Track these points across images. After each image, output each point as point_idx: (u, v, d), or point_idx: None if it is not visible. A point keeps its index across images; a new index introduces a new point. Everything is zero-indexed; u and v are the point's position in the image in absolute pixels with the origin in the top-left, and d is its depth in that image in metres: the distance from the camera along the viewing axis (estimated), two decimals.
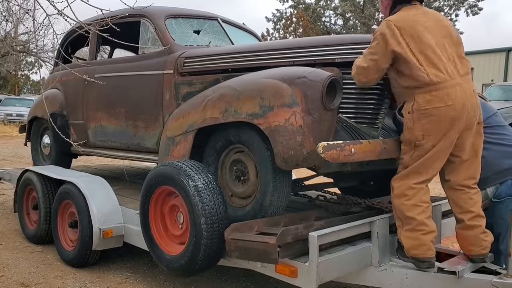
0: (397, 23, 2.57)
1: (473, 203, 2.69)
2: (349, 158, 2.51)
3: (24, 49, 19.64)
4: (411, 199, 2.59)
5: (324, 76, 2.71)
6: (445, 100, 2.49)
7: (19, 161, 9.99)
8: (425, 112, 2.51)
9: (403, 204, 2.61)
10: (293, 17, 25.83)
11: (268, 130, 2.75)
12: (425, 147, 2.55)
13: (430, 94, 2.50)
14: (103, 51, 6.21)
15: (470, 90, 2.57)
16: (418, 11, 2.66)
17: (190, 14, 4.39)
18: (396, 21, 2.59)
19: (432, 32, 2.58)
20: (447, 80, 2.50)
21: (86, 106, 4.67)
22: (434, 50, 2.53)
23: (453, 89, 2.50)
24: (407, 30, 2.55)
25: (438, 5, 25.25)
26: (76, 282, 3.68)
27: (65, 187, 4.13)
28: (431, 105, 2.50)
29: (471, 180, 2.72)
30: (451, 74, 2.53)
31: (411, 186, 2.60)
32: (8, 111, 20.85)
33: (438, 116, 2.50)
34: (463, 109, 2.52)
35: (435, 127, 2.51)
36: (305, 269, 2.48)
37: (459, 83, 2.53)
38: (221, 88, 3.18)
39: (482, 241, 2.67)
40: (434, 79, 2.49)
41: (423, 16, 2.62)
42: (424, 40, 2.54)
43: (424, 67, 2.50)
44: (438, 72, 2.50)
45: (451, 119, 2.50)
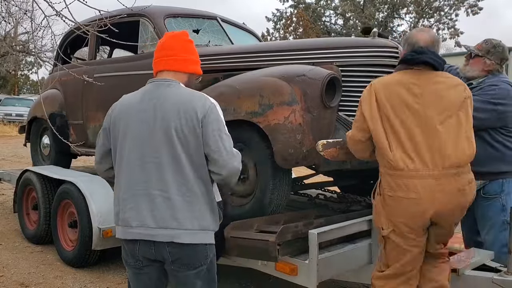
0: (377, 89, 2.22)
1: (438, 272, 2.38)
2: (349, 156, 2.50)
3: (23, 49, 19.68)
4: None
5: (324, 74, 2.71)
6: (407, 192, 2.10)
7: (18, 161, 9.99)
8: (388, 199, 2.18)
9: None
10: (293, 16, 25.83)
11: (267, 128, 2.75)
12: (393, 239, 2.21)
13: (394, 180, 2.14)
14: (103, 51, 6.20)
15: (452, 187, 2.11)
16: (413, 78, 2.20)
17: (190, 14, 4.38)
18: (377, 87, 2.23)
19: (420, 108, 2.14)
20: (418, 170, 2.09)
21: (85, 106, 4.67)
22: (410, 131, 2.12)
23: (422, 181, 2.08)
24: (383, 99, 2.18)
25: (438, 5, 25.26)
26: (76, 282, 3.67)
27: (64, 187, 4.13)
28: (394, 192, 2.14)
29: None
30: (428, 163, 2.09)
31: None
32: (8, 111, 20.85)
33: (398, 208, 2.15)
34: (431, 208, 2.11)
35: (395, 220, 2.18)
36: (305, 267, 2.48)
37: (436, 175, 2.09)
38: (221, 87, 3.17)
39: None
40: (399, 164, 2.10)
41: (415, 87, 2.17)
42: (400, 117, 2.14)
43: (391, 147, 2.13)
44: (406, 158, 2.10)
45: (412, 216, 2.13)
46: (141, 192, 1.93)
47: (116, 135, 2.03)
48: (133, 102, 2.04)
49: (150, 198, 1.92)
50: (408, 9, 26.26)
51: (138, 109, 1.99)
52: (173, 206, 1.90)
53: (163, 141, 1.91)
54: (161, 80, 2.04)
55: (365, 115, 2.20)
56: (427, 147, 2.11)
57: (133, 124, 1.98)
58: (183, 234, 1.90)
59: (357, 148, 2.35)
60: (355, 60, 2.99)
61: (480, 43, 3.04)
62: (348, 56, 2.99)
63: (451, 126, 2.15)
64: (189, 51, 2.12)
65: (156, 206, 1.91)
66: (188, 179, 1.92)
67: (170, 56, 2.06)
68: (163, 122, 1.92)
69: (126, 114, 2.02)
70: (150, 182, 1.93)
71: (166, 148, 1.91)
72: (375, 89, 2.21)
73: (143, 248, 1.97)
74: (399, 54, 3.04)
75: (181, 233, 1.90)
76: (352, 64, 2.98)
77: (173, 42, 2.09)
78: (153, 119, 1.94)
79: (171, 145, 1.90)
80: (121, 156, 2.00)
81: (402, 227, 2.16)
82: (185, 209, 1.91)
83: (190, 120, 1.91)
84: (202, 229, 1.94)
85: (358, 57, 2.99)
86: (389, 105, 2.16)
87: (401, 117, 2.14)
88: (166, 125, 1.91)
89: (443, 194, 2.10)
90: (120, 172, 2.01)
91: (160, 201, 1.91)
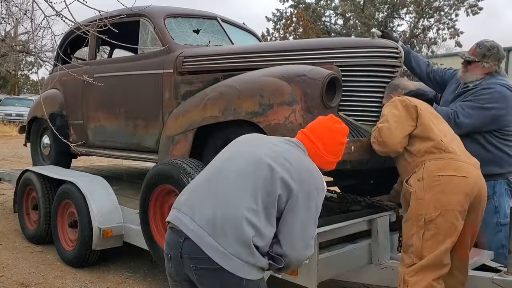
0: (411, 99, 2.64)
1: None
2: (349, 156, 2.51)
3: (23, 49, 19.67)
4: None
5: (324, 74, 2.71)
6: (460, 171, 2.30)
7: (18, 161, 9.99)
8: (437, 180, 2.28)
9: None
10: (293, 16, 25.82)
11: (268, 128, 2.75)
12: (438, 223, 2.24)
13: (443, 161, 2.33)
14: (103, 51, 6.21)
15: (482, 176, 2.42)
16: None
17: (190, 14, 4.38)
18: (413, 100, 2.63)
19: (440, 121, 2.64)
20: (460, 155, 2.38)
21: (85, 106, 4.67)
22: (445, 133, 2.50)
23: (466, 165, 2.35)
24: (422, 107, 2.56)
25: (438, 5, 25.25)
26: (76, 282, 3.67)
27: (64, 187, 4.13)
28: (445, 172, 2.29)
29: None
30: (463, 157, 2.41)
31: (431, 284, 2.27)
32: (8, 111, 20.85)
33: (451, 186, 2.26)
34: (476, 188, 2.33)
35: (448, 199, 2.25)
36: (305, 267, 2.48)
37: (473, 164, 2.40)
38: (221, 87, 3.18)
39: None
40: (449, 148, 2.37)
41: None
42: (438, 122, 2.55)
43: (441, 136, 2.44)
44: (453, 146, 2.42)
45: (465, 192, 2.28)
46: None
47: None
48: None
49: None
50: (408, 9, 26.24)
51: None
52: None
53: None
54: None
55: (420, 109, 2.50)
56: (458, 147, 2.44)
57: None
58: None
59: (393, 140, 2.50)
60: (355, 60, 2.99)
61: (473, 48, 3.02)
62: (348, 56, 2.99)
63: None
64: (338, 154, 2.04)
65: None
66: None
67: (319, 150, 1.97)
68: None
69: None
70: None
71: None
72: (411, 99, 2.61)
73: None
74: (399, 54, 3.05)
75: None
76: (352, 64, 2.98)
77: (330, 139, 2.00)
78: None
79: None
80: None
81: (453, 205, 2.25)
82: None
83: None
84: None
85: (358, 57, 2.99)
86: (428, 112, 2.55)
87: (438, 123, 2.55)
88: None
89: (481, 180, 2.36)
90: None
91: None
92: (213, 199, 1.78)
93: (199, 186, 1.88)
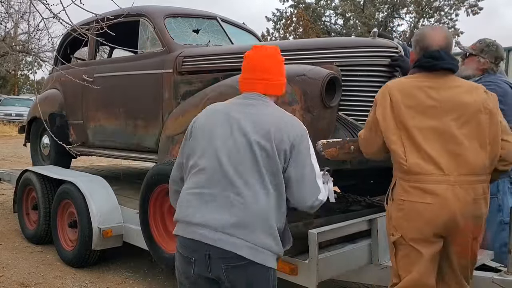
0: (391, 91, 2.14)
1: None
2: (349, 156, 2.50)
3: (23, 49, 19.65)
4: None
5: (324, 74, 2.70)
6: (424, 196, 2.03)
7: (18, 161, 9.99)
8: (401, 204, 2.09)
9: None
10: (293, 16, 25.82)
11: None
12: (404, 245, 2.11)
13: (409, 183, 2.06)
14: (103, 50, 6.21)
15: (466, 195, 2.02)
16: (429, 82, 2.12)
17: (189, 14, 4.38)
18: (392, 89, 2.14)
19: (437, 112, 2.07)
20: (432, 174, 2.02)
21: (85, 106, 4.67)
22: (426, 136, 2.05)
23: (437, 186, 2.01)
24: (399, 102, 2.10)
25: (438, 5, 25.25)
26: (75, 282, 3.67)
27: (64, 187, 4.13)
28: (408, 196, 2.06)
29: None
30: (443, 168, 2.02)
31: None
32: (8, 111, 20.85)
33: (412, 214, 2.06)
34: (445, 214, 2.02)
35: (408, 225, 2.08)
36: (305, 266, 2.48)
37: (452, 182, 2.01)
38: (221, 87, 3.17)
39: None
40: (414, 168, 2.03)
41: (432, 91, 2.10)
42: (416, 120, 2.07)
43: (406, 151, 2.06)
44: (421, 162, 2.03)
45: (426, 221, 2.03)
46: None
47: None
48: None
49: None
50: (408, 9, 26.25)
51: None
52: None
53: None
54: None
55: (378, 119, 2.12)
56: (444, 152, 2.03)
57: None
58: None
59: (369, 151, 2.29)
60: (355, 60, 2.98)
61: (474, 43, 3.06)
62: (348, 56, 2.99)
63: (469, 131, 2.05)
64: (283, 73, 2.06)
65: None
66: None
67: (267, 80, 1.99)
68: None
69: None
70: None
71: None
72: (390, 92, 2.13)
73: None
74: (399, 54, 3.04)
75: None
76: (352, 64, 2.98)
77: (269, 63, 2.01)
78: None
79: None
80: None
81: (414, 233, 2.07)
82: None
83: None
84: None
85: (358, 57, 2.99)
86: (405, 108, 2.08)
87: (417, 121, 2.06)
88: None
89: (456, 201, 2.01)
90: None
91: None
92: (225, 201, 1.80)
93: (203, 189, 1.86)
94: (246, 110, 1.94)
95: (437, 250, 2.11)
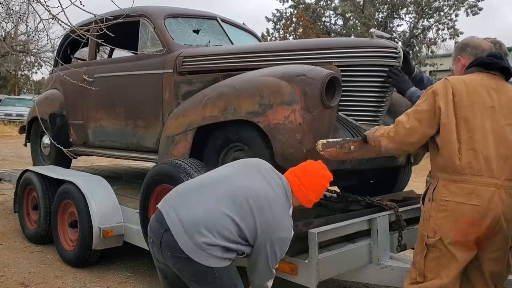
0: (454, 85, 2.09)
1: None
2: (349, 156, 2.51)
3: (23, 49, 19.66)
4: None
5: (324, 74, 2.71)
6: (471, 197, 2.00)
7: (19, 161, 9.99)
8: (444, 205, 2.06)
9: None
10: (293, 17, 25.81)
11: (267, 128, 2.75)
12: (439, 248, 2.09)
13: (456, 184, 2.04)
14: (103, 51, 6.21)
15: (510, 201, 2.02)
16: (491, 83, 2.11)
17: (189, 14, 4.39)
18: (455, 83, 2.10)
19: (495, 114, 2.05)
20: (482, 176, 2.00)
21: (85, 106, 4.67)
22: (484, 135, 2.02)
23: (485, 189, 1.99)
24: (463, 97, 2.06)
25: (438, 5, 25.25)
26: (76, 282, 3.68)
27: (65, 186, 4.13)
28: (454, 197, 2.04)
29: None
30: (493, 171, 2.00)
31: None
32: (8, 111, 20.84)
33: (456, 215, 2.03)
34: (489, 217, 2.00)
35: (450, 227, 2.05)
36: (305, 266, 2.48)
37: (498, 185, 2.00)
38: (221, 87, 3.18)
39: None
40: (465, 167, 2.01)
41: (493, 92, 2.08)
42: (477, 118, 2.04)
43: (461, 149, 2.02)
44: (475, 161, 2.01)
45: (471, 223, 2.01)
46: None
47: None
48: None
49: None
50: (408, 9, 26.23)
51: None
52: None
53: None
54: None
55: (442, 110, 2.06)
56: (496, 154, 2.02)
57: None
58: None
59: (407, 140, 2.17)
60: (355, 60, 2.99)
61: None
62: (347, 56, 3.00)
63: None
64: (318, 194, 2.33)
65: None
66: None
67: (303, 187, 2.26)
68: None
69: None
70: None
71: None
72: (453, 86, 2.08)
73: None
74: (399, 54, 3.05)
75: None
76: (352, 64, 2.99)
77: (315, 179, 2.28)
78: None
79: None
80: None
81: (456, 235, 2.04)
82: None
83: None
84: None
85: (357, 57, 3.00)
86: (469, 104, 2.04)
87: (478, 119, 2.03)
88: None
89: (502, 205, 2.00)
90: None
91: None
92: (200, 204, 2.10)
93: (191, 189, 2.20)
94: (270, 189, 2.25)
95: (471, 257, 2.10)
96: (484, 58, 2.16)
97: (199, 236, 2.02)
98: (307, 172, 2.28)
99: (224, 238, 2.05)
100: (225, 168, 2.38)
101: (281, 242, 2.15)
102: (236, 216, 2.07)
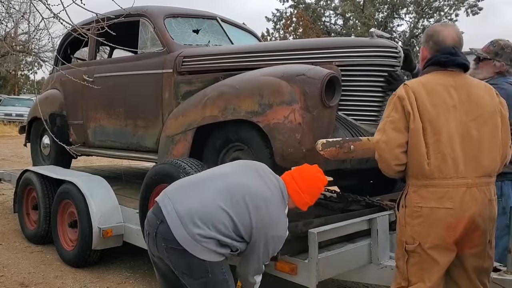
0: (414, 88, 2.04)
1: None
2: (348, 155, 2.50)
3: (23, 49, 19.66)
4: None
5: (323, 74, 2.71)
6: (443, 201, 1.98)
7: (18, 161, 9.99)
8: (418, 211, 2.03)
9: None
10: (293, 17, 25.83)
11: (267, 127, 2.75)
12: (419, 253, 2.07)
13: (426, 189, 2.01)
14: (103, 51, 6.21)
15: (483, 197, 2.01)
16: (449, 81, 2.05)
17: (189, 14, 4.38)
18: (415, 87, 2.05)
19: (457, 112, 2.01)
20: (452, 177, 1.97)
21: (85, 106, 4.67)
22: (450, 136, 1.98)
23: (456, 190, 1.98)
24: (424, 99, 2.01)
25: (438, 5, 25.25)
26: (75, 282, 3.67)
27: (64, 187, 4.13)
28: (426, 203, 2.01)
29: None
30: (461, 171, 1.98)
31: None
32: (8, 111, 20.83)
33: (431, 220, 2.01)
34: (464, 218, 1.99)
35: (427, 232, 2.03)
36: (304, 266, 2.48)
37: (470, 184, 1.98)
38: (221, 87, 3.18)
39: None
40: (435, 171, 1.98)
41: (453, 90, 2.04)
42: (441, 119, 1.99)
43: (429, 153, 1.98)
44: (443, 164, 1.97)
45: (447, 227, 1.99)
46: None
47: None
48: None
49: None
50: (408, 9, 26.26)
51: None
52: None
53: None
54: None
55: (410, 114, 1.99)
56: (462, 153, 1.99)
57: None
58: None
59: (392, 156, 2.05)
60: (355, 60, 2.99)
61: (487, 46, 2.98)
62: (347, 56, 3.00)
63: (486, 132, 2.02)
64: (313, 197, 2.38)
65: None
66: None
67: (300, 189, 2.31)
68: None
69: None
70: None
71: None
72: (414, 89, 2.03)
73: None
74: (399, 54, 3.05)
75: None
76: (352, 64, 2.98)
77: (311, 182, 2.34)
78: None
79: None
80: None
81: (435, 240, 2.01)
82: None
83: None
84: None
85: (357, 57, 2.99)
86: (431, 106, 1.99)
87: (444, 118, 1.99)
88: None
89: (475, 203, 1.99)
90: None
91: None
92: (197, 197, 2.15)
93: (190, 184, 2.27)
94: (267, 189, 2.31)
95: (452, 258, 2.08)
96: (439, 56, 2.11)
97: (194, 227, 2.06)
98: (304, 175, 2.33)
99: (219, 232, 2.09)
100: (224, 166, 2.46)
101: (276, 240, 2.20)
102: (232, 211, 2.11)
